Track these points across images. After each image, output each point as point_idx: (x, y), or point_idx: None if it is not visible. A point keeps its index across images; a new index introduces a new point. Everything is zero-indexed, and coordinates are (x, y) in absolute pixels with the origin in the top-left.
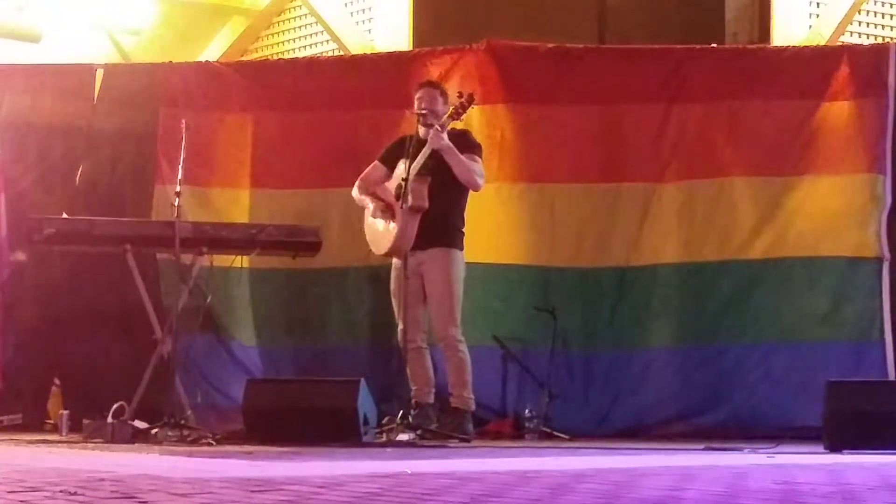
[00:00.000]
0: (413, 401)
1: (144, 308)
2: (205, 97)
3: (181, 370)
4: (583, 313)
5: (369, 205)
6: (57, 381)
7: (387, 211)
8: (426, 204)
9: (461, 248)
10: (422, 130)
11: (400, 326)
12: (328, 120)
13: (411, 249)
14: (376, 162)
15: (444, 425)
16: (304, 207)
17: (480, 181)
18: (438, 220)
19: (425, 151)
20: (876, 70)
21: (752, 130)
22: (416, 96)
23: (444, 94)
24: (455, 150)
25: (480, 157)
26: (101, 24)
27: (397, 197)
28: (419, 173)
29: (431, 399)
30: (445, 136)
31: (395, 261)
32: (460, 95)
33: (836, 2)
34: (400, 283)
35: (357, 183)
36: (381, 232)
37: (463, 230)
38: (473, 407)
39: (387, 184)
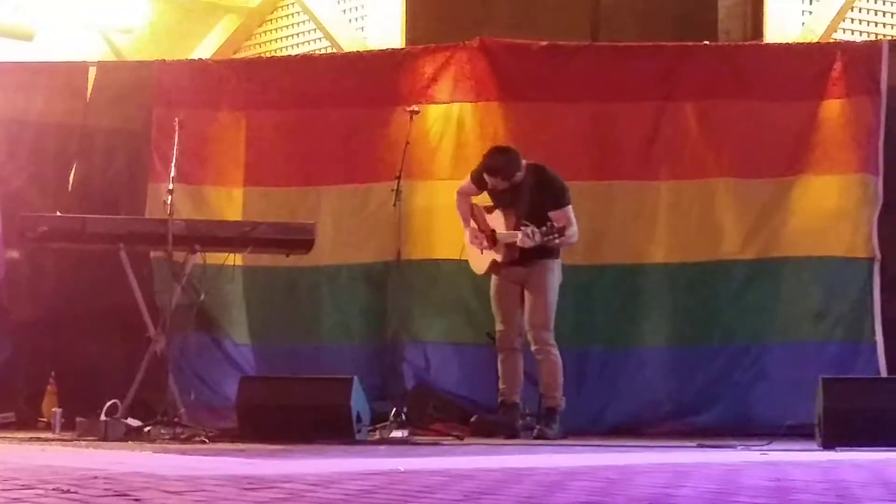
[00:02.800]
0: (500, 399)
1: (138, 306)
2: (198, 95)
3: (174, 368)
4: (576, 312)
5: (465, 229)
6: (52, 378)
7: (483, 240)
8: (517, 257)
9: (558, 256)
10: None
11: (499, 328)
12: (321, 117)
13: (514, 265)
14: (469, 180)
15: (541, 424)
16: (297, 205)
17: (575, 239)
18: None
19: (511, 239)
20: (868, 68)
21: (745, 129)
22: (490, 185)
23: (509, 174)
24: (545, 241)
25: (569, 200)
26: (95, 22)
27: (491, 244)
28: (510, 244)
29: (517, 398)
30: (536, 238)
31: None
32: (552, 228)
33: None
34: (498, 289)
35: (456, 194)
36: (477, 256)
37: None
38: (563, 406)
39: (488, 216)
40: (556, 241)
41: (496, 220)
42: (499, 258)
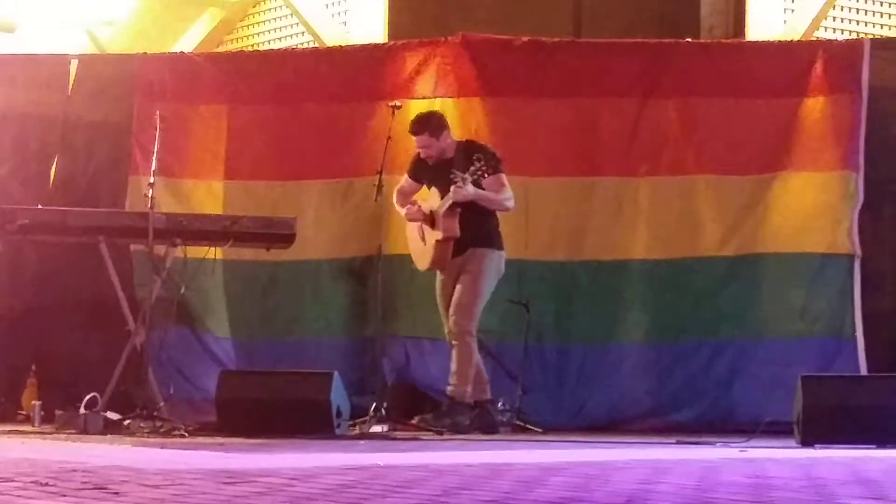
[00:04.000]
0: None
1: (118, 299)
2: (179, 88)
3: (154, 362)
4: (556, 307)
5: (409, 221)
6: (32, 371)
7: (424, 229)
8: (457, 234)
9: (499, 248)
10: (423, 153)
11: (446, 328)
12: (303, 112)
13: (452, 257)
14: (405, 176)
15: (448, 417)
16: (278, 199)
17: (511, 203)
18: (472, 230)
19: (446, 201)
20: (850, 66)
21: (726, 126)
22: (416, 145)
23: (436, 129)
24: (480, 192)
25: (503, 169)
26: (77, 15)
27: (430, 225)
28: (449, 208)
29: (487, 395)
30: (469, 186)
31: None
32: (478, 160)
33: None
34: (443, 288)
35: (395, 196)
36: (420, 249)
37: (498, 229)
38: (469, 401)
39: (424, 206)
40: (487, 176)
41: (433, 199)
42: (439, 235)
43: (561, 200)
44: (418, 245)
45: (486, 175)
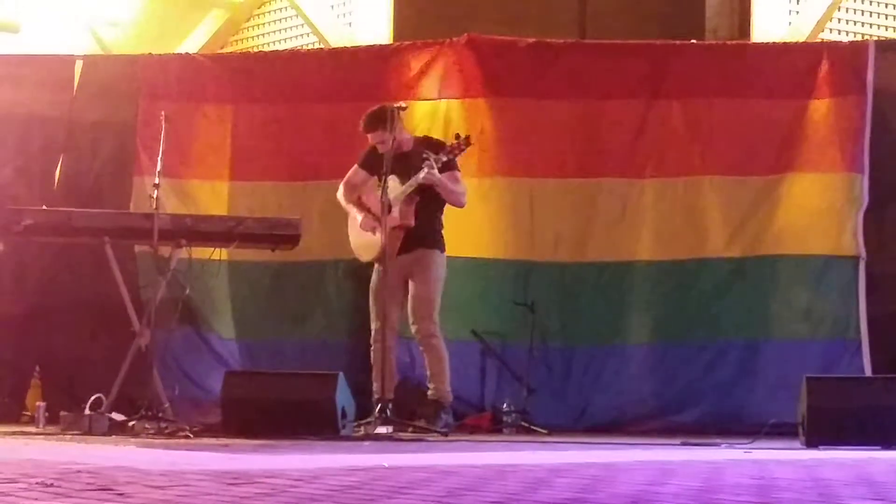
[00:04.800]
0: (375, 397)
1: (122, 300)
2: (184, 89)
3: (159, 363)
4: (561, 308)
5: (356, 215)
6: (37, 372)
7: (372, 221)
8: (413, 222)
9: (444, 251)
10: (379, 149)
11: (375, 326)
12: (308, 113)
13: (397, 254)
14: (356, 167)
15: (424, 418)
16: (283, 200)
17: (465, 199)
18: (423, 227)
19: (413, 182)
20: (855, 67)
21: (731, 127)
22: (371, 141)
23: (390, 123)
24: (444, 181)
25: (458, 167)
26: (81, 15)
27: (383, 211)
28: (409, 196)
29: (392, 395)
30: (436, 171)
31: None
32: (457, 137)
33: None
34: (381, 285)
35: (341, 187)
36: (366, 241)
37: (442, 232)
38: (451, 399)
39: (371, 196)
40: (457, 155)
41: (388, 191)
42: (396, 220)
43: (566, 202)
44: (364, 237)
45: (454, 158)
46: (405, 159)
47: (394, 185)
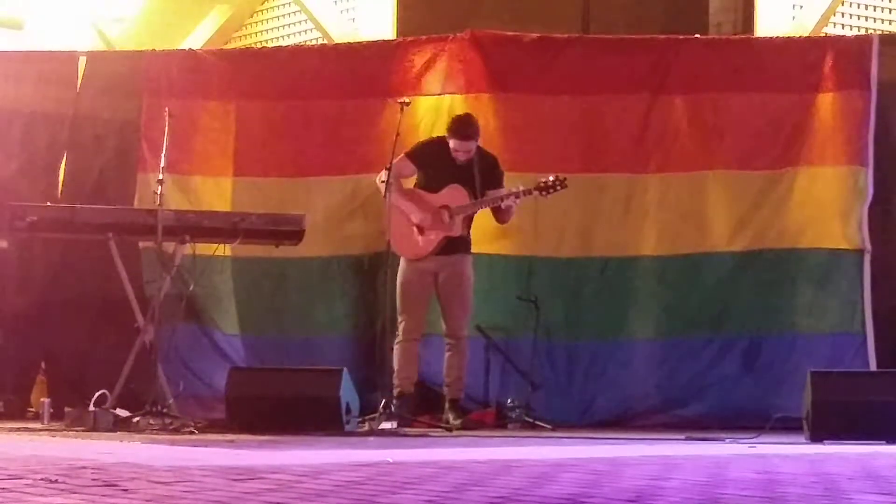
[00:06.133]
0: (397, 390)
1: (127, 296)
2: (188, 85)
3: (163, 359)
4: (565, 304)
5: (412, 211)
6: (42, 368)
7: (424, 222)
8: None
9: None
10: (460, 156)
11: (402, 319)
12: (311, 108)
13: (438, 254)
14: (406, 158)
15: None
16: (287, 196)
17: None
18: (467, 233)
19: (491, 202)
20: (859, 61)
21: (735, 122)
22: (453, 146)
23: (478, 134)
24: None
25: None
26: (85, 11)
27: (438, 219)
28: (475, 211)
29: (413, 389)
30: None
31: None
32: (557, 178)
33: None
34: (412, 279)
35: (383, 173)
36: (410, 239)
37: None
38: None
39: (429, 198)
40: (545, 196)
41: (448, 197)
42: (453, 232)
43: (570, 197)
44: (410, 233)
45: (553, 191)
46: (468, 169)
47: (457, 193)
